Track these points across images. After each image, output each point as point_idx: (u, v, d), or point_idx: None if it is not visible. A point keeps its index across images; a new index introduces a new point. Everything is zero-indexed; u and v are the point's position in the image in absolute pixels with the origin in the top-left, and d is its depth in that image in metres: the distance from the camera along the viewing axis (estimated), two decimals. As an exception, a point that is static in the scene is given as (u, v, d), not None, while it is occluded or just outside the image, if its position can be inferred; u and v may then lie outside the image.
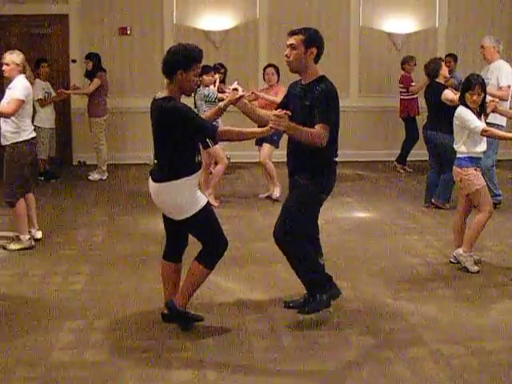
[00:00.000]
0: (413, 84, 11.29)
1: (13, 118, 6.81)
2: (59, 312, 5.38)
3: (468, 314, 5.39)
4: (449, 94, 8.57)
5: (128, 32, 12.27)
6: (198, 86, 8.78)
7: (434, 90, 8.84)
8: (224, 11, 12.36)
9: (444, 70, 8.88)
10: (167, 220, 5.00)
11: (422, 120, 10.18)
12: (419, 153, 11.33)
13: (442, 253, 6.95)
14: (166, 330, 4.97)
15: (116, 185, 10.60)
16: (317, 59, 5.04)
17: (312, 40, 4.99)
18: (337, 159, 5.17)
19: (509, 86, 8.66)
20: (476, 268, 6.25)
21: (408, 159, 11.78)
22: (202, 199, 4.87)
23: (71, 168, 12.14)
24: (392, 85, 12.40)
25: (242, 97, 5.10)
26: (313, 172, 5.01)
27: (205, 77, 8.92)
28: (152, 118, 4.85)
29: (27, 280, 6.18)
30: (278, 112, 4.80)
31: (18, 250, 6.96)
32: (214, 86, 9.16)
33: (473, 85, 6.27)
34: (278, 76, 9.51)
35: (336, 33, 12.46)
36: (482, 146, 6.34)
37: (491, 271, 6.31)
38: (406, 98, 11.47)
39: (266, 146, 9.34)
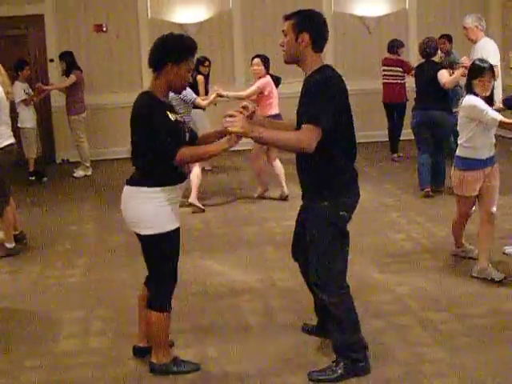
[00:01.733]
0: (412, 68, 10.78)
1: None
2: (59, 304, 5.58)
3: (452, 282, 5.65)
4: (443, 77, 8.44)
5: (104, 29, 12.36)
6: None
7: (431, 69, 8.64)
8: (198, 3, 12.47)
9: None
10: None
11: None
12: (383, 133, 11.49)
13: (424, 227, 7.23)
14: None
15: (101, 180, 10.72)
16: (316, 47, 4.09)
17: (303, 24, 4.08)
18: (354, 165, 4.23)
19: (495, 66, 8.58)
20: (501, 275, 5.61)
21: (375, 140, 11.99)
22: (168, 223, 4.12)
23: (55, 166, 12.25)
24: (367, 68, 12.56)
25: (254, 112, 4.23)
26: (324, 189, 4.09)
27: None
28: None
29: (24, 276, 6.35)
30: (233, 110, 3.91)
31: (1, 257, 6.82)
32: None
33: (482, 70, 5.64)
34: (267, 67, 8.53)
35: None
36: (489, 144, 5.69)
37: (474, 241, 6.45)
38: (400, 82, 11.01)
39: (254, 146, 8.56)
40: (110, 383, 4.26)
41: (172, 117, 4.07)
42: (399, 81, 11.05)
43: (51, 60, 12.25)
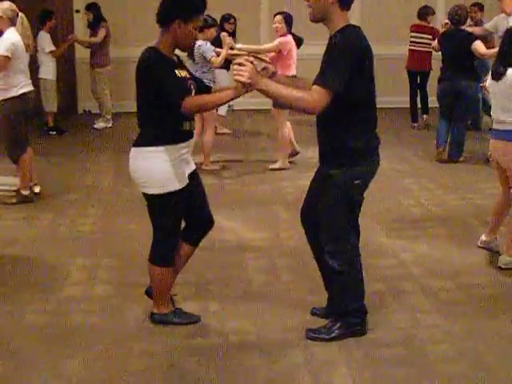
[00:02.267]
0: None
1: (0, 74, 6.67)
2: (68, 251, 5.67)
3: (458, 251, 5.66)
4: (480, 47, 8.35)
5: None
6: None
7: (462, 38, 8.53)
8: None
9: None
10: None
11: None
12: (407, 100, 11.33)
13: (435, 195, 7.25)
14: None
15: (121, 132, 10.70)
16: (344, 4, 3.89)
17: None
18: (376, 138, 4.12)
19: None
20: None
21: (398, 106, 11.89)
22: (171, 183, 4.05)
23: (76, 117, 12.31)
24: (396, 33, 12.39)
25: (274, 74, 4.16)
26: (341, 156, 4.00)
27: (206, 30, 7.92)
28: None
29: (37, 223, 6.46)
30: (243, 58, 3.80)
31: (16, 203, 6.96)
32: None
33: None
34: (289, 26, 8.14)
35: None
36: None
37: (484, 212, 6.47)
38: (428, 50, 10.62)
39: (273, 111, 8.27)
40: (109, 331, 4.33)
41: (178, 73, 4.04)
42: (427, 49, 10.77)
43: (77, 11, 12.22)
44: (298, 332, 4.26)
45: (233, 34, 10.10)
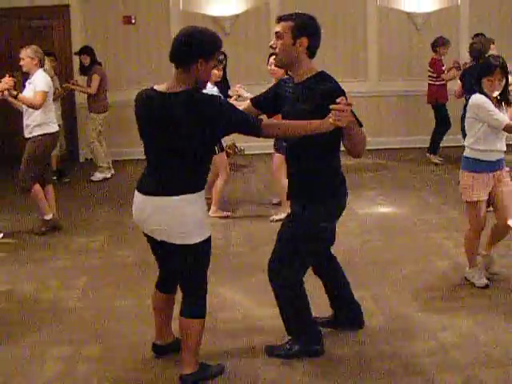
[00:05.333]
0: (444, 69, 10.38)
1: (39, 111, 7.05)
2: (46, 336, 4.81)
3: (508, 328, 4.71)
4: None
5: (132, 21, 11.66)
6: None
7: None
8: (233, -6, 11.72)
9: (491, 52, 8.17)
10: (158, 248, 4.09)
11: (452, 105, 10.17)
12: (448, 138, 10.75)
13: (474, 253, 6.28)
14: (163, 359, 4.38)
15: (119, 184, 9.83)
16: (311, 52, 4.05)
17: (303, 28, 3.99)
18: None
19: None
20: (484, 281, 5.44)
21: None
22: (209, 227, 4.02)
23: (78, 165, 11.53)
24: (413, 67, 11.79)
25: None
26: (309, 195, 4.13)
27: (215, 71, 7.35)
28: (160, 116, 3.76)
29: (15, 297, 5.61)
30: (340, 102, 3.66)
31: (45, 231, 7.31)
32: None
33: (492, 68, 5.19)
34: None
35: (352, 14, 11.83)
36: (499, 145, 5.28)
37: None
38: (434, 83, 10.45)
39: (276, 156, 7.63)
40: None
41: None
42: (434, 82, 10.49)
43: (76, 53, 11.55)
44: None
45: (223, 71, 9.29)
